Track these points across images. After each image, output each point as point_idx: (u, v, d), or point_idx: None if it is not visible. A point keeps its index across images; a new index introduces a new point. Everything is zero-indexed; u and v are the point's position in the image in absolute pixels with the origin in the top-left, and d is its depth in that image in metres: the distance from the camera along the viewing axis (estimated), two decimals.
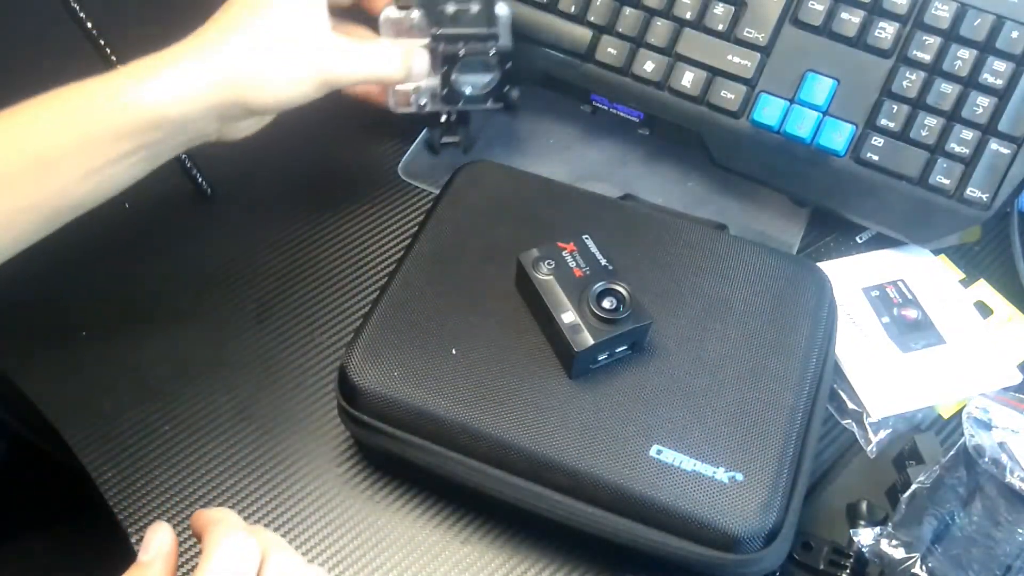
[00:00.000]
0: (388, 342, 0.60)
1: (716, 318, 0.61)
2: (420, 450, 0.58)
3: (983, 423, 0.62)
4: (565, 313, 0.57)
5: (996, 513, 0.59)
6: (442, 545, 0.61)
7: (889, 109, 0.69)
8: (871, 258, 0.73)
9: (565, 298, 0.58)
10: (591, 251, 0.61)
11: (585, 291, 0.58)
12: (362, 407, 0.58)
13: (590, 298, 0.58)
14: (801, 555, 0.59)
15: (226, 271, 0.72)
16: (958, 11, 0.68)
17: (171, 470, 0.63)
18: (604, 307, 0.58)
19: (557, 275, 0.59)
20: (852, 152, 0.70)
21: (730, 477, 0.55)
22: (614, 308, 0.58)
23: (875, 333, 0.69)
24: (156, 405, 0.66)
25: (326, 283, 0.72)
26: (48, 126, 0.57)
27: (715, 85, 0.72)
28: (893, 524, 0.58)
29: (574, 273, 0.59)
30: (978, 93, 0.68)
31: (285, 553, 0.47)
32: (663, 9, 0.73)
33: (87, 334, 0.69)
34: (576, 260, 0.60)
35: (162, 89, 0.57)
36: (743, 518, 0.54)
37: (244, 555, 0.45)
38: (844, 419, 0.66)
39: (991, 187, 0.68)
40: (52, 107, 0.57)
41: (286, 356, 0.68)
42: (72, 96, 0.57)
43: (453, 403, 0.57)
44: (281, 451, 0.64)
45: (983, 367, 0.68)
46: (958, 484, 0.60)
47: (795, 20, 0.71)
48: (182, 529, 0.61)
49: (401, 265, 0.63)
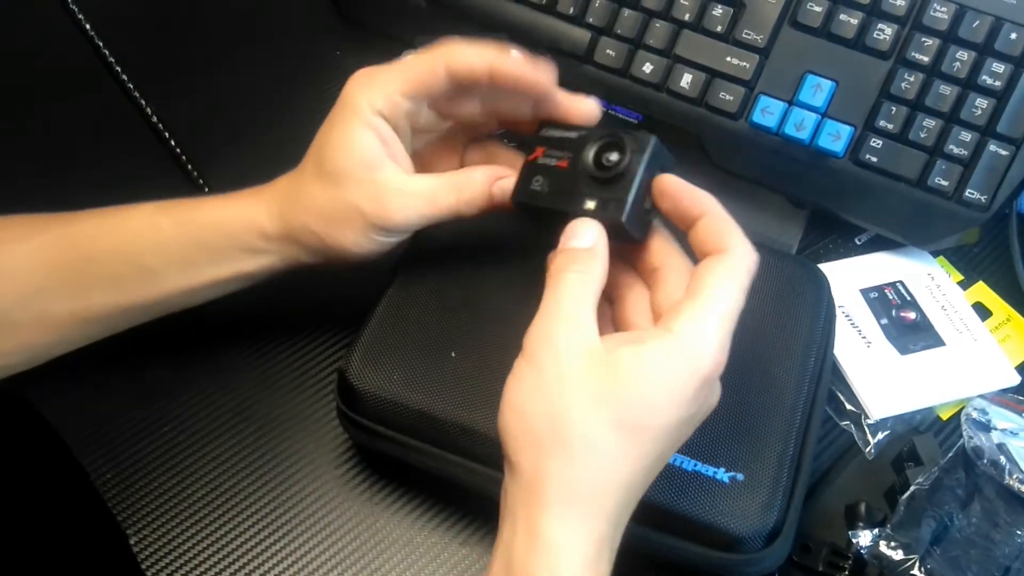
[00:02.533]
0: (387, 345, 0.60)
1: None
2: (420, 453, 0.58)
3: (982, 425, 0.63)
4: (585, 204, 0.52)
5: (995, 515, 0.59)
6: (441, 547, 0.61)
7: (888, 111, 0.69)
8: (870, 260, 0.74)
9: (573, 192, 0.53)
10: (556, 138, 0.56)
11: (580, 169, 0.53)
12: (361, 410, 0.59)
13: (589, 170, 0.53)
14: (800, 556, 0.59)
15: None
16: (957, 13, 0.68)
17: (170, 471, 0.64)
18: (606, 165, 0.53)
19: (549, 183, 0.54)
20: (851, 153, 0.71)
21: (731, 477, 0.55)
22: (616, 160, 0.52)
23: (874, 335, 0.69)
24: (155, 406, 0.66)
25: (326, 285, 0.71)
26: (158, 238, 0.59)
27: (714, 87, 0.72)
28: (892, 526, 0.58)
29: (559, 167, 0.55)
30: (977, 95, 0.68)
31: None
32: (662, 11, 0.73)
33: None
34: (552, 156, 0.55)
35: (258, 223, 0.59)
36: (744, 518, 0.54)
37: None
38: (843, 421, 0.66)
39: (990, 189, 0.68)
40: (162, 225, 0.59)
41: (285, 358, 0.69)
42: (183, 217, 0.60)
43: (453, 406, 0.57)
44: (280, 453, 0.64)
45: (982, 369, 0.68)
46: (957, 486, 0.60)
47: (794, 22, 0.71)
48: (182, 530, 0.61)
49: (400, 267, 0.63)
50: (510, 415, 0.47)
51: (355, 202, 0.56)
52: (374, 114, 0.56)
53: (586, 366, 0.46)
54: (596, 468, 0.45)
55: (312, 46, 0.86)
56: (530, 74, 0.56)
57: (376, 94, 0.56)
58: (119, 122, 0.80)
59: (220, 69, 0.85)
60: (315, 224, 0.57)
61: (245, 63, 0.85)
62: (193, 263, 0.59)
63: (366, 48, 0.85)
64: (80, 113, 0.80)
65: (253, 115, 0.80)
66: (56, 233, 0.60)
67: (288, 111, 0.80)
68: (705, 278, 0.48)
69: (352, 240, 0.57)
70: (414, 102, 0.57)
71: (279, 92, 0.83)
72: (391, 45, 0.76)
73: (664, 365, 0.46)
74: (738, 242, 0.49)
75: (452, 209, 0.57)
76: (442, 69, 0.55)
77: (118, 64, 0.82)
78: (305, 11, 0.89)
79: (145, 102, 0.80)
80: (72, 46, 0.85)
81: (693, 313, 0.47)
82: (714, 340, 0.47)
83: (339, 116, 0.57)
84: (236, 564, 0.60)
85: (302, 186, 0.58)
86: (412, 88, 0.56)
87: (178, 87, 0.82)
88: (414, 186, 0.57)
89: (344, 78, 0.58)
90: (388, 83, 0.56)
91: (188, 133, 0.78)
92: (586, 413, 0.45)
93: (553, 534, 0.45)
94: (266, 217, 0.59)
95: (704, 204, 0.50)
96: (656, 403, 0.46)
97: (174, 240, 0.59)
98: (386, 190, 0.56)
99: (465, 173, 0.58)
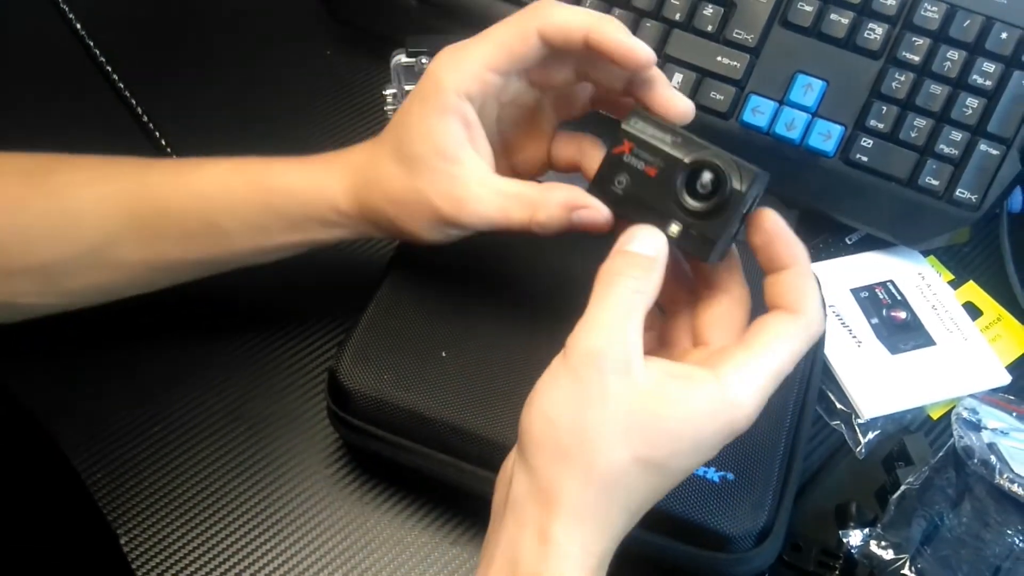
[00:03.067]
0: (378, 345, 0.60)
1: None
2: (410, 453, 0.58)
3: (972, 424, 0.63)
4: (670, 227, 0.49)
5: (985, 514, 0.59)
6: (431, 547, 0.61)
7: (878, 110, 0.69)
8: (860, 259, 0.74)
9: (657, 208, 0.49)
10: (647, 137, 0.50)
11: (670, 185, 0.49)
12: (352, 410, 0.58)
13: (680, 191, 0.48)
14: (790, 556, 0.59)
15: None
16: (947, 12, 0.68)
17: (161, 471, 0.63)
18: (701, 192, 0.48)
19: (631, 187, 0.50)
20: (841, 153, 0.71)
21: (721, 477, 0.55)
22: (712, 189, 0.48)
23: (864, 334, 0.69)
24: (146, 407, 0.66)
25: (317, 285, 0.71)
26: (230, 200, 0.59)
27: (704, 86, 0.72)
28: (882, 525, 0.58)
29: (646, 173, 0.50)
30: (967, 94, 0.68)
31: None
32: (652, 10, 0.73)
33: (77, 335, 0.68)
34: (640, 158, 0.50)
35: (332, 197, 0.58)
36: (734, 517, 0.54)
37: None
38: (833, 420, 0.66)
39: (980, 188, 0.68)
40: (234, 186, 0.59)
41: (276, 358, 0.68)
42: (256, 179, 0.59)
43: (443, 406, 0.57)
44: (271, 453, 0.64)
45: (972, 368, 0.68)
46: (947, 485, 0.60)
47: (784, 21, 0.71)
48: (172, 529, 0.61)
49: (391, 267, 0.63)
50: (538, 418, 0.46)
51: (428, 194, 0.54)
52: (459, 96, 0.53)
53: (626, 393, 0.45)
54: (612, 494, 0.45)
55: (302, 46, 0.86)
56: (627, 44, 0.51)
57: (463, 74, 0.53)
58: (109, 122, 0.80)
59: (211, 69, 0.85)
60: (388, 208, 0.56)
61: (236, 63, 0.85)
62: (265, 228, 0.59)
63: (356, 48, 0.85)
64: (71, 113, 0.80)
65: (244, 115, 0.80)
66: (128, 182, 0.60)
67: (279, 110, 0.80)
68: (770, 335, 0.47)
69: (422, 228, 0.56)
70: (504, 76, 0.54)
71: (270, 91, 0.83)
72: (381, 45, 0.76)
73: (702, 416, 0.45)
74: (813, 308, 0.48)
75: (523, 227, 0.54)
76: (534, 34, 0.52)
77: (109, 64, 0.82)
78: (295, 11, 0.89)
79: (136, 102, 0.80)
80: (63, 46, 0.85)
81: (748, 369, 0.46)
82: (757, 401, 0.46)
83: (421, 96, 0.54)
84: (227, 563, 0.60)
85: (378, 165, 0.56)
86: (503, 61, 0.53)
87: (169, 87, 0.82)
88: (490, 190, 0.54)
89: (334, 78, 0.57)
90: (476, 59, 0.53)
91: (179, 133, 0.78)
92: (617, 441, 0.45)
93: (564, 541, 0.44)
94: (340, 191, 0.58)
95: (796, 255, 0.48)
96: (683, 447, 0.45)
97: (246, 204, 0.59)
98: (462, 186, 0.54)
99: (544, 192, 0.53)
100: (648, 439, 0.45)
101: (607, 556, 0.46)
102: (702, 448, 0.46)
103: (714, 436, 0.46)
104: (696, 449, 0.46)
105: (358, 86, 0.83)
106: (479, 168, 0.54)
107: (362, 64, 0.84)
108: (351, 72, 0.84)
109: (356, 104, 0.82)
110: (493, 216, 0.54)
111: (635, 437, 0.45)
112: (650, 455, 0.45)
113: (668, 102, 0.53)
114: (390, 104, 0.74)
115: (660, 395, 0.45)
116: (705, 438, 0.46)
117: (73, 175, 0.61)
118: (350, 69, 0.84)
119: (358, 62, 0.84)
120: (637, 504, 0.46)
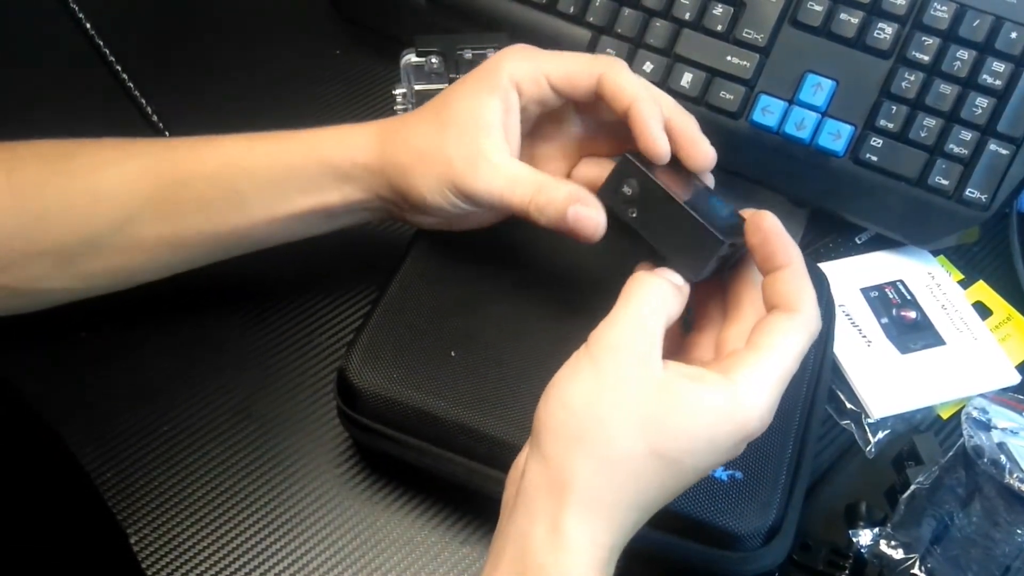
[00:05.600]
0: (387, 344, 0.60)
1: None
2: (419, 452, 0.58)
3: (982, 424, 0.62)
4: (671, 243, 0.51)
5: (995, 514, 0.59)
6: (441, 546, 0.61)
7: (888, 110, 0.69)
8: (870, 259, 0.73)
9: (661, 222, 0.51)
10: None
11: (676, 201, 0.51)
12: (361, 409, 0.58)
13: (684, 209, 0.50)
14: (800, 555, 0.59)
15: (225, 271, 0.72)
16: (957, 12, 0.68)
17: (170, 471, 0.63)
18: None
19: (639, 195, 0.52)
20: (851, 153, 0.70)
21: (729, 475, 0.55)
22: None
23: (874, 334, 0.69)
24: (155, 406, 0.66)
25: (326, 284, 0.72)
26: (250, 161, 0.61)
27: (714, 86, 0.72)
28: (892, 525, 0.58)
29: (654, 182, 0.52)
30: (977, 94, 0.68)
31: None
32: (662, 10, 0.73)
33: (86, 335, 0.69)
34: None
35: (353, 149, 0.59)
36: (743, 516, 0.54)
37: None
38: (843, 420, 0.66)
39: (990, 188, 0.68)
40: (256, 149, 0.61)
41: (285, 357, 0.68)
42: (278, 140, 0.61)
43: (452, 405, 0.57)
44: (280, 452, 0.64)
45: (982, 368, 0.68)
46: (957, 485, 0.60)
47: (794, 21, 0.71)
48: (182, 529, 0.61)
49: (400, 266, 0.63)
50: (556, 406, 0.47)
51: (449, 152, 0.56)
52: (511, 83, 0.56)
53: (645, 388, 0.46)
54: (626, 485, 0.46)
55: (311, 45, 0.87)
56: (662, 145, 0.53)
57: (523, 69, 0.56)
58: (118, 121, 0.80)
59: (220, 68, 0.85)
60: (406, 158, 0.58)
61: (244, 62, 0.85)
62: (281, 189, 0.60)
63: (365, 48, 0.85)
64: (79, 111, 0.80)
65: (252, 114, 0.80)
66: (151, 158, 0.61)
67: (287, 110, 0.80)
68: (774, 335, 0.48)
69: (431, 189, 0.57)
70: (555, 94, 0.57)
71: (279, 91, 0.83)
72: (390, 44, 0.76)
73: (715, 414, 0.46)
74: (810, 305, 0.48)
75: (523, 205, 0.55)
76: (595, 79, 0.55)
77: (118, 63, 0.82)
78: (304, 10, 0.89)
79: (145, 101, 0.80)
80: (72, 45, 0.85)
81: (757, 370, 0.46)
82: (768, 402, 0.47)
83: (477, 75, 0.57)
84: (236, 563, 0.60)
85: (410, 122, 0.59)
86: (561, 80, 0.56)
87: (178, 86, 0.83)
88: (506, 164, 0.56)
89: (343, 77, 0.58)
90: (540, 64, 0.56)
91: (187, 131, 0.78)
92: (633, 431, 0.45)
93: (574, 533, 0.45)
94: (363, 140, 0.60)
95: (791, 255, 0.49)
96: (698, 446, 0.46)
97: (265, 165, 0.60)
98: (482, 155, 0.56)
99: (552, 180, 0.55)
100: (665, 432, 0.45)
101: (616, 551, 0.46)
102: (717, 447, 0.46)
103: (728, 437, 0.46)
104: (711, 447, 0.46)
105: (367, 86, 0.84)
106: (502, 147, 0.56)
107: (371, 64, 0.84)
108: (360, 72, 0.85)
109: (365, 104, 0.83)
110: (500, 189, 0.55)
111: (651, 430, 0.45)
112: (666, 448, 0.45)
113: (696, 152, 0.55)
114: (399, 104, 0.74)
115: (677, 392, 0.46)
116: (720, 438, 0.46)
117: (95, 156, 0.61)
118: (359, 69, 0.85)
119: (367, 62, 0.85)
120: (648, 500, 0.47)
